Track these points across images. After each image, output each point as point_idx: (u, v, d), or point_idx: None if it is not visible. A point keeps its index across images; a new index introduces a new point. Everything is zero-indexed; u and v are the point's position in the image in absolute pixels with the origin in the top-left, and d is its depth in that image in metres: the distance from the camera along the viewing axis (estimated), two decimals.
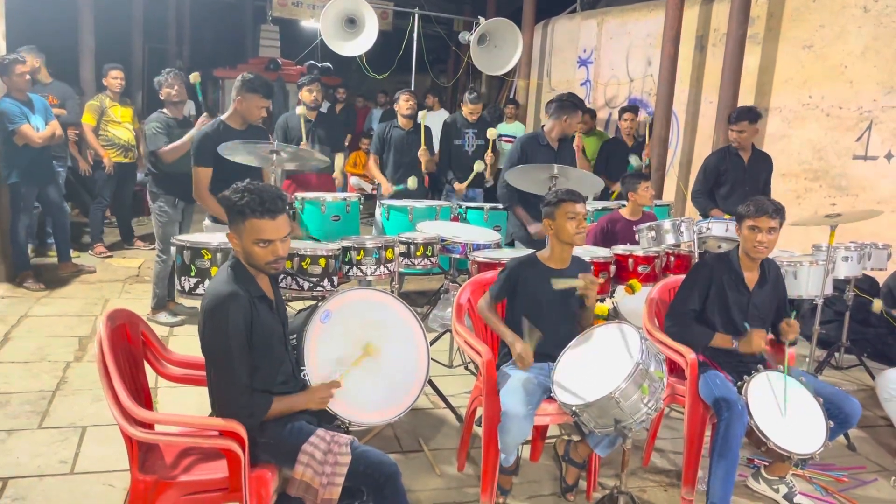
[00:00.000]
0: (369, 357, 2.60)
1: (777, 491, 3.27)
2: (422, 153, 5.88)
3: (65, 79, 7.46)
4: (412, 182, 5.73)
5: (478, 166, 6.00)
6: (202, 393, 2.46)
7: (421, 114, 5.96)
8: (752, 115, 5.01)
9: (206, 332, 2.27)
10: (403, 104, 5.90)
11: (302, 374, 2.45)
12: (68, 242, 6.28)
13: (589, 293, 3.01)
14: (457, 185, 6.10)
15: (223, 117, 4.23)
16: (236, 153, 3.79)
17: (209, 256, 3.44)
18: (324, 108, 7.11)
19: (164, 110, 5.26)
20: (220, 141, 4.02)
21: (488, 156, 6.06)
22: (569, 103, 4.71)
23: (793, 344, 3.29)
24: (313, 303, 3.16)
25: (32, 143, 5.45)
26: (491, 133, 6.05)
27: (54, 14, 9.60)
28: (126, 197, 7.32)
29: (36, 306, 5.34)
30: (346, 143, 9.28)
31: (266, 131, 4.46)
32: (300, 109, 5.66)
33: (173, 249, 3.59)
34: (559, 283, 3.00)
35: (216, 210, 4.05)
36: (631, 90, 8.55)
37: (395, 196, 5.79)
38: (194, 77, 5.44)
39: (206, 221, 4.24)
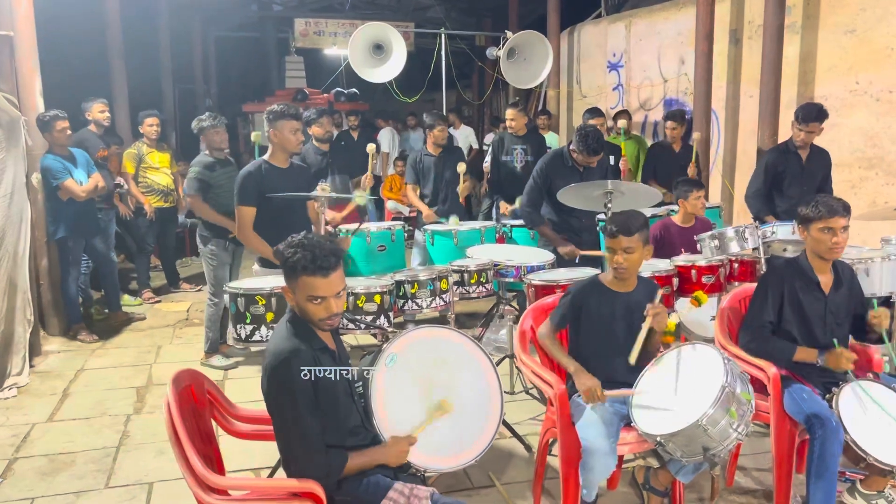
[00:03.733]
0: (445, 413, 2.49)
1: None
2: (463, 190, 5.81)
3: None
4: (454, 221, 5.59)
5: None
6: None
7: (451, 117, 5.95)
8: (822, 115, 4.81)
9: (272, 392, 2.20)
10: (439, 135, 5.79)
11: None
12: (118, 292, 6.34)
13: (659, 321, 2.85)
14: (503, 206, 6.00)
15: (265, 157, 4.20)
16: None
17: (263, 302, 3.40)
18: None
19: (207, 152, 5.28)
20: (262, 180, 4.02)
21: None
22: (579, 140, 4.53)
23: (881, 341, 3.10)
24: (377, 344, 3.09)
25: (77, 197, 5.50)
26: None
27: (86, 66, 9.78)
28: (169, 240, 7.37)
29: (91, 359, 5.36)
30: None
31: (308, 170, 4.43)
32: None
33: (226, 297, 3.55)
34: (635, 351, 2.83)
35: (260, 249, 4.02)
36: (665, 91, 8.38)
37: (436, 222, 5.70)
38: (256, 136, 5.52)
39: (255, 266, 4.19)
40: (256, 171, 4.10)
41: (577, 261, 4.65)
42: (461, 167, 5.75)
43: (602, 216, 4.44)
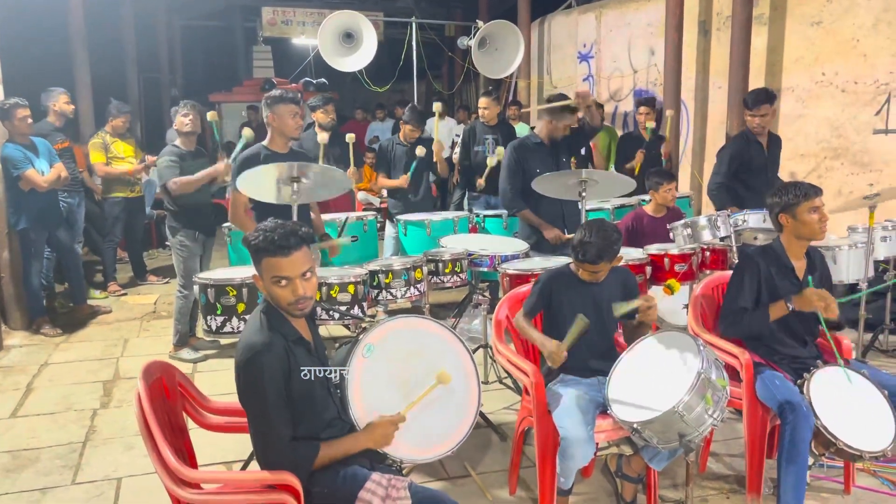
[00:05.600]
0: (442, 385, 2.42)
1: None
2: (436, 144, 5.75)
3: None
4: (500, 152, 5.51)
5: (490, 161, 5.84)
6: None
7: (436, 106, 5.95)
8: (770, 97, 4.84)
9: (242, 386, 2.17)
10: (411, 134, 5.77)
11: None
12: (83, 284, 6.19)
13: (649, 314, 2.86)
14: (478, 181, 5.98)
15: (264, 142, 4.09)
16: (260, 183, 3.67)
17: (234, 293, 3.33)
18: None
19: (176, 142, 5.13)
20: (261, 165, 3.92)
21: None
22: (555, 108, 4.46)
23: (840, 328, 3.15)
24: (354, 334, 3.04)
25: (38, 187, 5.35)
26: (499, 152, 5.88)
27: (48, 53, 9.53)
28: (137, 232, 7.22)
29: (55, 353, 5.23)
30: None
31: (307, 155, 4.36)
32: (321, 137, 5.54)
33: (196, 288, 3.48)
34: (620, 309, 2.85)
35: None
36: (635, 81, 8.43)
37: (410, 208, 5.65)
38: (211, 115, 5.31)
39: None
40: (254, 157, 4.02)
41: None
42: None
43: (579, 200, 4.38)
